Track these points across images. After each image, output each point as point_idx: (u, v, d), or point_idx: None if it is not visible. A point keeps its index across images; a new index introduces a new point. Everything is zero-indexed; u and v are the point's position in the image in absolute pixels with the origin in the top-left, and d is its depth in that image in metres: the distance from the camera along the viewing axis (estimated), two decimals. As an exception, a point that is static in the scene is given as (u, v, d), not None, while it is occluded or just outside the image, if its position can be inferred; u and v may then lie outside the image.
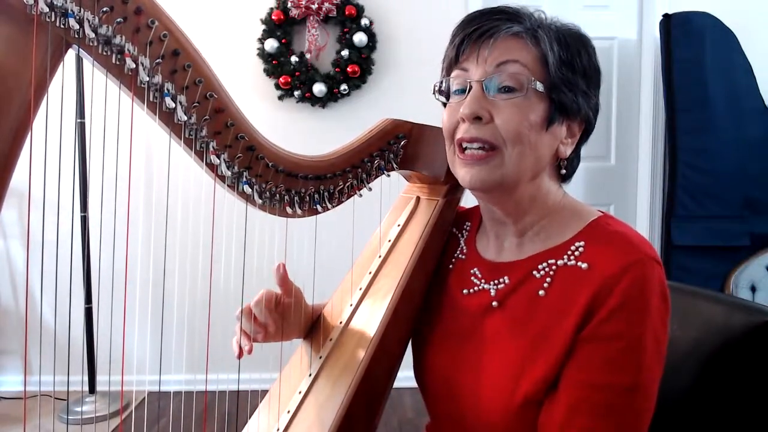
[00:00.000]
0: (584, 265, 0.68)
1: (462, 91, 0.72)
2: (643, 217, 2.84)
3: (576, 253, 0.70)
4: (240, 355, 0.81)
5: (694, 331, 0.81)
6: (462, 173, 0.73)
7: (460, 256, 0.85)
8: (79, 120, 2.29)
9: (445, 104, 0.77)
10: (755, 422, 0.77)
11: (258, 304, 0.83)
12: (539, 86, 0.69)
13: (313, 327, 0.90)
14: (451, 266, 0.85)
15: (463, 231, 0.88)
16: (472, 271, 0.80)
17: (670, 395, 0.75)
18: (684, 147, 2.58)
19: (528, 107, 0.69)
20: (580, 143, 0.76)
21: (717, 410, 0.79)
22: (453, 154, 0.75)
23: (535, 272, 0.72)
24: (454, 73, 0.74)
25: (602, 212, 0.75)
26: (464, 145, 0.72)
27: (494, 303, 0.75)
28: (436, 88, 0.77)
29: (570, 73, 0.70)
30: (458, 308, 0.80)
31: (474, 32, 0.71)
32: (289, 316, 0.86)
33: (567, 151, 0.74)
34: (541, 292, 0.71)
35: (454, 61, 0.73)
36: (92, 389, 2.49)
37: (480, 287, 0.78)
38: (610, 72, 2.83)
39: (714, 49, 2.55)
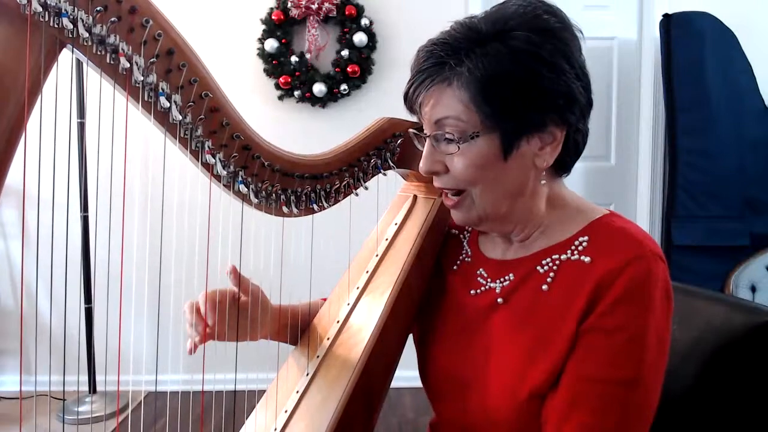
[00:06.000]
0: (587, 259, 0.69)
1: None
2: (643, 217, 2.83)
3: (580, 247, 0.70)
4: (192, 351, 0.77)
5: (694, 331, 0.81)
6: (450, 212, 0.77)
7: (465, 258, 0.84)
8: (78, 120, 2.29)
9: None
10: (755, 422, 0.77)
11: (210, 301, 0.79)
12: (480, 128, 0.67)
13: (310, 327, 0.90)
14: (455, 268, 0.85)
15: (465, 232, 0.88)
16: (478, 272, 0.80)
17: (670, 395, 0.75)
18: (684, 147, 2.58)
19: (476, 151, 0.68)
20: (578, 131, 0.71)
21: (717, 410, 0.79)
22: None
23: (539, 267, 0.72)
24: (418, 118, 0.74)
25: (609, 210, 0.75)
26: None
27: (499, 300, 0.75)
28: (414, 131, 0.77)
29: (514, 98, 0.66)
30: (464, 309, 0.80)
31: (413, 84, 0.70)
32: (249, 314, 0.83)
33: (548, 159, 0.70)
34: (544, 287, 0.71)
35: (412, 110, 0.74)
36: (91, 389, 2.49)
37: (486, 287, 0.78)
38: (610, 72, 2.83)
39: (714, 49, 2.54)
